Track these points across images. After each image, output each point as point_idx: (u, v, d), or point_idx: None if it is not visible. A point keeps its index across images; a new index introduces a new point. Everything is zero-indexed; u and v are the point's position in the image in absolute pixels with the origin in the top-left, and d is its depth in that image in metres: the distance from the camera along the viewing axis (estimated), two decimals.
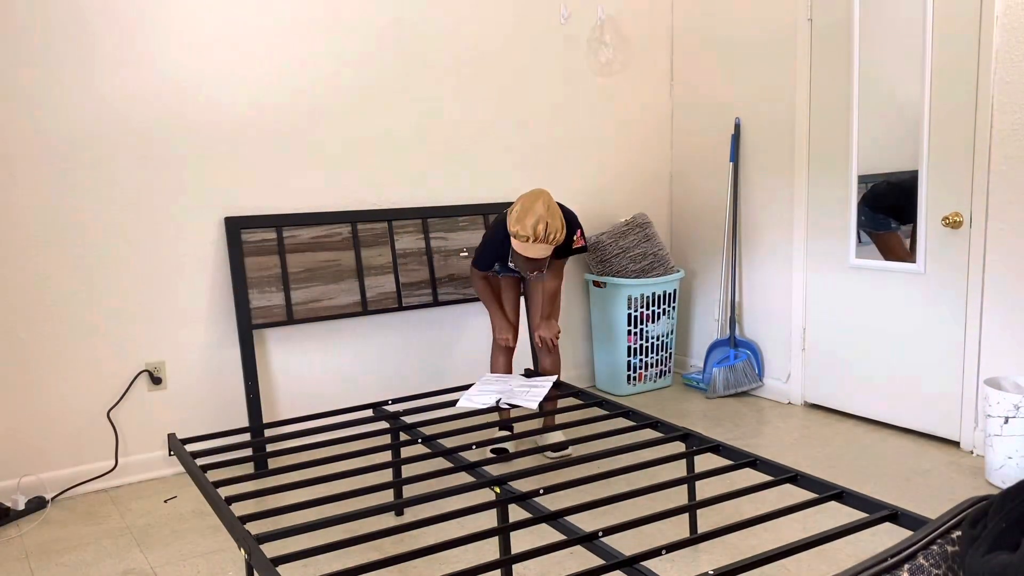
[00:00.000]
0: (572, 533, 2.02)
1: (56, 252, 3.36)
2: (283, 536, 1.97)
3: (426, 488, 3.26)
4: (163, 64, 3.50)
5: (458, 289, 4.15)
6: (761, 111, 4.37)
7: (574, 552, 2.74)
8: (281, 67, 3.74)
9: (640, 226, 4.52)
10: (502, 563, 1.83)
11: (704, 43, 4.67)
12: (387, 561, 1.79)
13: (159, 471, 3.62)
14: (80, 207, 3.39)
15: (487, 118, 4.30)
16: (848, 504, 2.14)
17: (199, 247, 3.63)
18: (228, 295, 3.70)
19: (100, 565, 2.82)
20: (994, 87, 3.35)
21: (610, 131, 4.72)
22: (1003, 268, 3.40)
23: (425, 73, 4.10)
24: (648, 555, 1.83)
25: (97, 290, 3.44)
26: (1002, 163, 3.36)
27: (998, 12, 3.30)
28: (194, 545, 2.95)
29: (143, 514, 3.23)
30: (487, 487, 2.27)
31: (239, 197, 3.70)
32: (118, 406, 3.53)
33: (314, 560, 2.73)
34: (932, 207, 3.62)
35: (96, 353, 3.46)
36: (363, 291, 3.90)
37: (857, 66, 3.88)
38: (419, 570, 2.66)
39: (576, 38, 4.54)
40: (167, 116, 3.52)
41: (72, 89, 3.33)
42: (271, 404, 3.83)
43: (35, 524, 3.17)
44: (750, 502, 3.04)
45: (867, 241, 3.93)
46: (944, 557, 1.00)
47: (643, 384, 4.64)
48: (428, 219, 4.11)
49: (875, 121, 3.84)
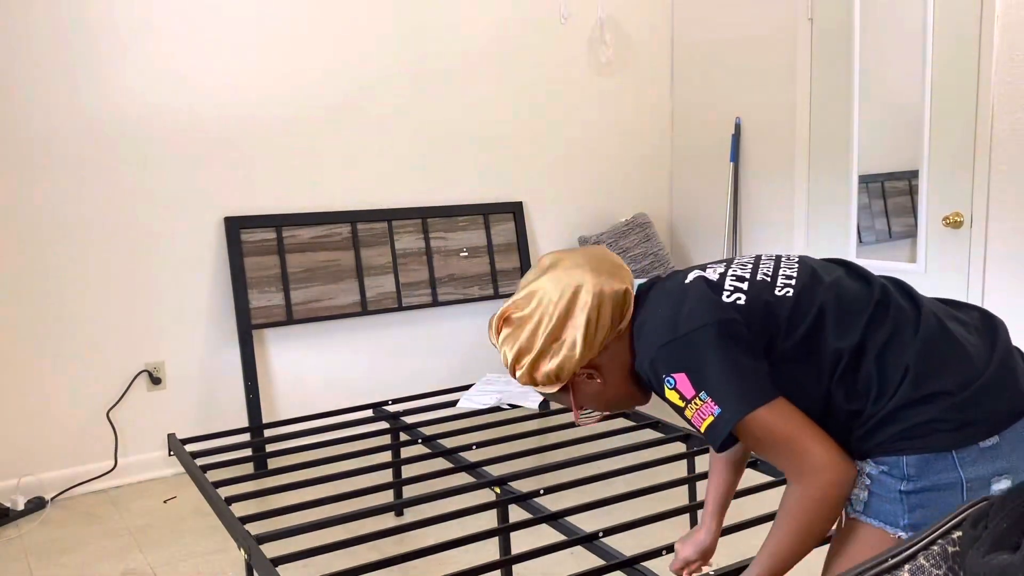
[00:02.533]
0: (572, 533, 2.02)
1: (56, 252, 3.36)
2: (283, 536, 1.96)
3: (426, 488, 3.25)
4: (163, 64, 3.50)
5: (458, 289, 4.15)
6: (761, 111, 4.37)
7: (574, 552, 2.74)
8: (281, 67, 3.74)
9: (640, 226, 4.51)
10: (502, 563, 1.83)
11: (704, 43, 4.67)
12: (387, 561, 1.79)
13: (159, 471, 3.62)
14: (80, 207, 3.39)
15: (487, 118, 4.30)
16: None
17: (199, 247, 3.63)
18: (228, 295, 3.69)
19: (100, 565, 2.82)
20: (994, 87, 3.35)
21: (610, 131, 4.71)
22: (1003, 268, 3.39)
23: (425, 73, 4.10)
24: (648, 555, 1.82)
25: (97, 290, 3.44)
26: (1002, 163, 3.36)
27: (998, 12, 3.30)
28: (194, 545, 2.94)
29: (143, 514, 3.23)
30: (487, 487, 2.27)
31: (239, 197, 3.70)
32: (118, 406, 3.52)
33: (314, 560, 2.72)
34: (932, 207, 3.62)
35: (96, 353, 3.46)
36: (363, 291, 3.90)
37: (857, 66, 3.88)
38: (419, 570, 2.66)
39: (576, 38, 4.54)
40: (167, 116, 3.52)
41: (72, 90, 3.33)
42: (271, 404, 3.83)
43: (35, 524, 3.17)
44: (750, 502, 3.04)
45: (868, 241, 3.93)
46: (945, 557, 1.00)
47: None
48: (428, 219, 4.11)
49: (875, 121, 3.84)
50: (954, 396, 1.25)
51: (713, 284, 1.36)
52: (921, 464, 1.25)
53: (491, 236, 4.29)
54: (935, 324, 1.31)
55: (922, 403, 1.25)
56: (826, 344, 1.30)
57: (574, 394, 1.46)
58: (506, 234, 4.34)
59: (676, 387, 1.30)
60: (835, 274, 1.38)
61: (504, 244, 4.33)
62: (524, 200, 4.45)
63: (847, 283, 1.36)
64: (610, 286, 1.39)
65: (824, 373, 1.30)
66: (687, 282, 1.38)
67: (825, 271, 1.39)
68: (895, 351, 1.28)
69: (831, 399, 1.31)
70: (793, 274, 1.37)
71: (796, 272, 1.37)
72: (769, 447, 1.28)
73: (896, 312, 1.32)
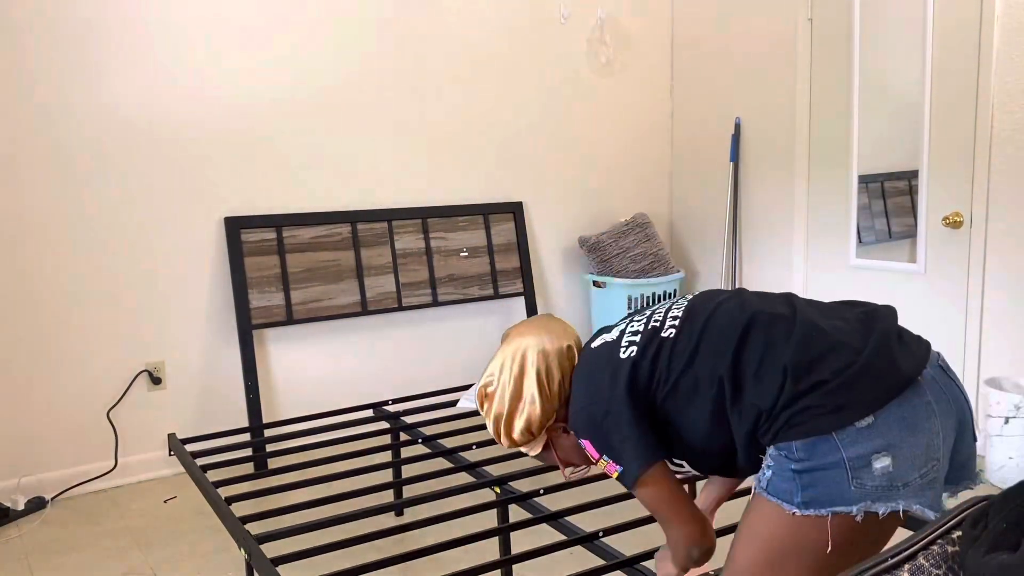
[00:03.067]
0: (572, 533, 2.02)
1: (56, 252, 3.36)
2: (283, 536, 1.97)
3: (426, 488, 3.25)
4: (163, 65, 3.50)
5: (458, 289, 4.15)
6: (761, 111, 4.37)
7: (574, 552, 2.74)
8: (281, 67, 3.74)
9: (640, 226, 4.51)
10: (502, 563, 1.83)
11: (704, 43, 4.67)
12: (387, 561, 1.79)
13: (159, 471, 3.62)
14: (80, 207, 3.39)
15: (487, 118, 4.30)
16: None
17: (199, 247, 3.63)
18: (228, 295, 3.69)
19: (100, 565, 2.82)
20: (994, 87, 3.35)
21: (610, 131, 4.71)
22: (1003, 268, 3.39)
23: (425, 73, 4.10)
24: (648, 555, 1.82)
25: (97, 290, 3.44)
26: (1002, 163, 3.36)
27: (998, 12, 3.30)
28: (194, 545, 2.94)
29: (143, 514, 3.23)
30: (487, 487, 2.27)
31: (239, 197, 3.70)
32: (118, 406, 3.53)
33: (314, 560, 2.72)
34: (932, 207, 3.62)
35: (96, 353, 3.46)
36: (363, 291, 3.90)
37: (857, 66, 3.88)
38: (419, 570, 2.66)
39: (576, 38, 4.54)
40: (167, 116, 3.52)
41: (72, 91, 3.33)
42: (271, 404, 3.83)
43: (35, 524, 3.17)
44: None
45: (868, 241, 3.93)
46: (944, 557, 1.00)
47: None
48: (428, 219, 4.11)
49: (875, 121, 3.84)
50: (829, 383, 1.37)
51: (612, 344, 1.56)
52: (808, 447, 1.37)
53: (491, 236, 4.29)
54: (807, 325, 1.44)
55: (803, 395, 1.38)
56: (705, 373, 1.45)
57: (555, 450, 1.67)
58: (506, 234, 4.34)
59: (586, 449, 1.54)
60: (711, 306, 1.53)
61: (504, 244, 4.33)
62: (524, 200, 4.45)
63: (719, 312, 1.51)
64: (553, 344, 1.63)
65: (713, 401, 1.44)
66: (593, 347, 1.60)
67: (703, 305, 1.54)
68: (771, 359, 1.42)
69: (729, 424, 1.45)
70: (679, 314, 1.55)
71: (682, 312, 1.55)
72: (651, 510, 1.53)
73: (768, 326, 1.46)
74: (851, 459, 1.35)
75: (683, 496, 1.52)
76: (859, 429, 1.35)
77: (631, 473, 1.49)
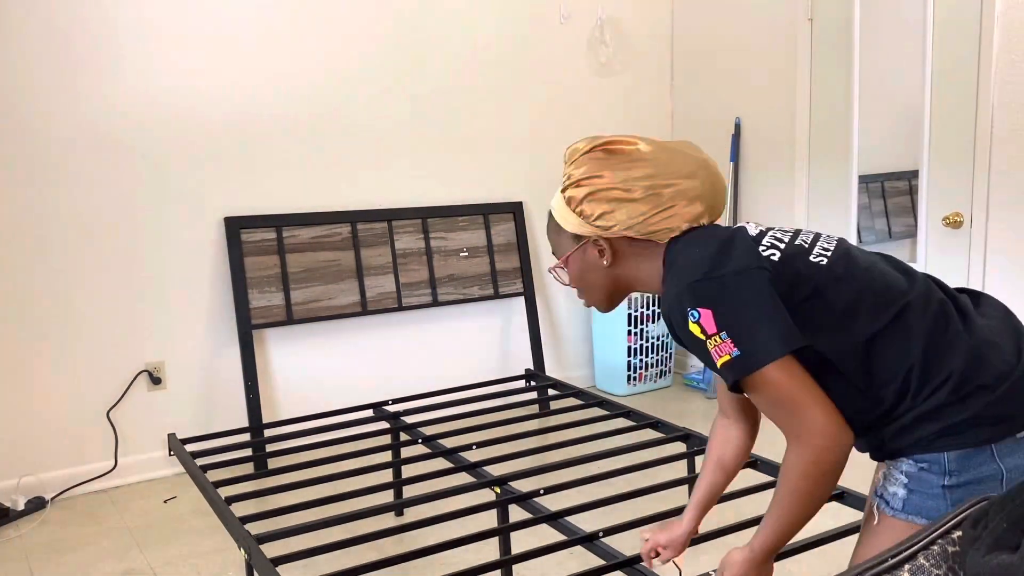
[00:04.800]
0: (572, 533, 2.02)
1: (56, 252, 3.36)
2: (283, 536, 1.97)
3: (426, 488, 3.25)
4: (163, 65, 3.50)
5: (458, 289, 4.15)
6: (761, 111, 4.37)
7: (574, 552, 2.74)
8: (281, 67, 3.74)
9: None
10: (502, 563, 1.83)
11: (704, 43, 4.67)
12: (387, 561, 1.79)
13: (159, 471, 3.62)
14: (80, 207, 3.39)
15: (487, 118, 4.30)
16: (848, 504, 2.14)
17: (199, 247, 3.63)
18: (228, 295, 3.69)
19: (100, 565, 2.82)
20: (994, 87, 3.35)
21: (610, 131, 4.71)
22: (1003, 268, 3.39)
23: (424, 73, 4.10)
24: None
25: (97, 290, 3.44)
26: (1002, 163, 3.36)
27: (998, 12, 3.30)
28: (194, 545, 2.94)
29: (143, 514, 3.23)
30: (487, 487, 2.27)
31: (239, 197, 3.70)
32: (118, 406, 3.53)
33: (314, 560, 2.72)
34: (932, 207, 3.62)
35: (96, 353, 3.46)
36: (363, 291, 3.90)
37: (857, 66, 3.88)
38: (419, 570, 2.66)
39: (576, 38, 4.54)
40: (167, 117, 3.52)
41: (72, 91, 3.33)
42: (271, 404, 3.83)
43: (35, 524, 3.17)
44: (750, 502, 3.04)
45: (868, 241, 3.93)
46: (945, 557, 1.00)
47: (643, 384, 4.63)
48: (428, 219, 4.11)
49: (875, 121, 3.84)
50: (993, 392, 1.25)
51: (752, 237, 1.36)
52: (962, 459, 1.26)
53: (491, 236, 4.29)
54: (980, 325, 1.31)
55: (963, 400, 1.26)
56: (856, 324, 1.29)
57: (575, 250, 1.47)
58: (506, 234, 4.34)
59: (699, 320, 1.29)
60: (872, 259, 1.38)
61: (504, 244, 4.33)
62: (524, 200, 4.45)
63: (884, 268, 1.36)
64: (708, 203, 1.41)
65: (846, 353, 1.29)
66: (731, 229, 1.39)
67: (862, 255, 1.39)
68: (941, 348, 1.28)
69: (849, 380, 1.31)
70: (830, 248, 1.37)
71: (833, 248, 1.37)
72: (773, 403, 1.27)
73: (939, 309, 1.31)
74: (1009, 470, 1.26)
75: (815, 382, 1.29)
76: (1018, 439, 1.27)
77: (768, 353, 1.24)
